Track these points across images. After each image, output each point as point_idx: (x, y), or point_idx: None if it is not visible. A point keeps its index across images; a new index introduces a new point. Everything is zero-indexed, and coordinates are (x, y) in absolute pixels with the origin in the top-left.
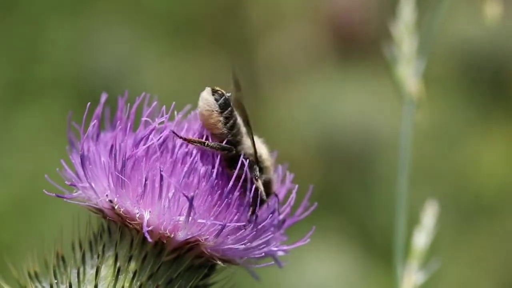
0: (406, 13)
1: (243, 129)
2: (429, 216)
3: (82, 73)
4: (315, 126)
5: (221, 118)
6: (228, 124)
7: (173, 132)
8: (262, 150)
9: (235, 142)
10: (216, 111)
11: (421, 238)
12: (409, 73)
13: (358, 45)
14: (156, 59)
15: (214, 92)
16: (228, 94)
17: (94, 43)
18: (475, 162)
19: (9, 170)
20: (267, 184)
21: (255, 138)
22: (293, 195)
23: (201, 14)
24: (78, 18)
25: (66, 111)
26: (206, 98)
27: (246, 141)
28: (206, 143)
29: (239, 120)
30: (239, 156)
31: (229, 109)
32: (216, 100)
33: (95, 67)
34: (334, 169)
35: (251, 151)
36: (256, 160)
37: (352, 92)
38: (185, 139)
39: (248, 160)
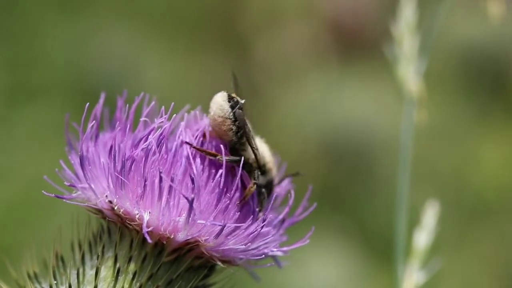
0: (407, 13)
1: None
2: (430, 215)
3: (83, 73)
4: (316, 126)
5: (233, 127)
6: (238, 134)
7: (187, 143)
8: (265, 153)
9: (242, 149)
10: (230, 119)
11: (422, 238)
12: (410, 72)
13: (359, 45)
14: (157, 59)
15: (230, 98)
16: (243, 101)
17: (95, 43)
18: (476, 162)
19: (9, 171)
20: (269, 185)
21: (258, 141)
22: (292, 195)
23: (201, 14)
24: (78, 18)
25: (66, 112)
26: (221, 105)
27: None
28: (218, 158)
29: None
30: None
31: (242, 118)
32: (232, 107)
33: (96, 67)
34: (335, 169)
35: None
36: (259, 166)
37: (353, 91)
38: (200, 150)
39: (251, 166)
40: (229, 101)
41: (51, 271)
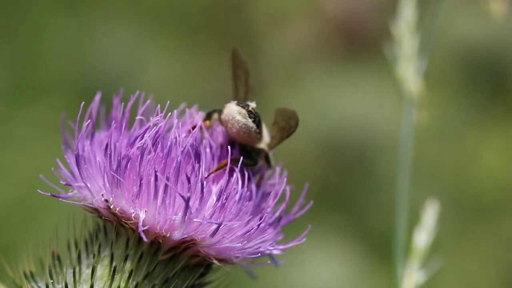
0: (407, 12)
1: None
2: (430, 215)
3: (85, 73)
4: (317, 125)
5: (259, 136)
6: (261, 135)
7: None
8: (265, 134)
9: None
10: (256, 132)
11: (422, 237)
12: (410, 72)
13: (360, 44)
14: (159, 58)
15: (249, 113)
16: (255, 105)
17: (97, 43)
18: (476, 161)
19: (9, 170)
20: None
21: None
22: (288, 192)
23: (205, 12)
24: (80, 18)
25: (67, 111)
26: (245, 123)
27: (265, 137)
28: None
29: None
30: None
31: (261, 122)
32: (253, 121)
33: (98, 67)
34: (335, 168)
35: (266, 147)
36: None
37: (354, 91)
38: (216, 170)
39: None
40: (250, 117)
41: (48, 270)
